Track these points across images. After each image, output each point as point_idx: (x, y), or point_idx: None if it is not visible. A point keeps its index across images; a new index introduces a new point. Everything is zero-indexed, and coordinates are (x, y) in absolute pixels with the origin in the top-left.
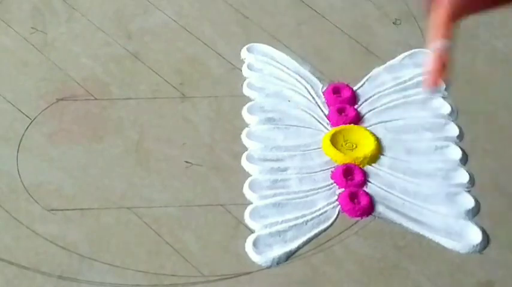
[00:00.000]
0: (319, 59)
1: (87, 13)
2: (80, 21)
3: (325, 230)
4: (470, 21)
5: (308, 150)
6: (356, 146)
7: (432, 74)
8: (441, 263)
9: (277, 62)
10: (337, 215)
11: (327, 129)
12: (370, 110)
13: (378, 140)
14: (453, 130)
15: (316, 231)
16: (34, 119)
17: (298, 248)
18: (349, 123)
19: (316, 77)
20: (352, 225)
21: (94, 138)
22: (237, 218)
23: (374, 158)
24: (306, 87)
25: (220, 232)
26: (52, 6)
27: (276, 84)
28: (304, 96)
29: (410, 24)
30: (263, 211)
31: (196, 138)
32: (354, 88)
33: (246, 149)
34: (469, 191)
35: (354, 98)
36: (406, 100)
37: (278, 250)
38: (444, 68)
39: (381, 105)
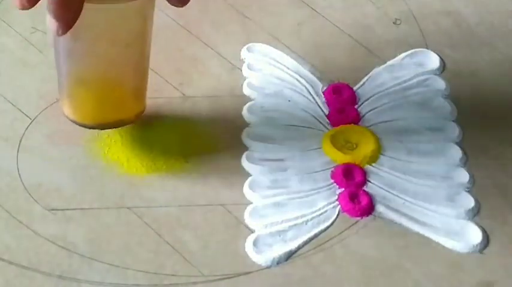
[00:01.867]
0: (319, 59)
1: None
2: None
3: (325, 229)
4: (470, 21)
5: (308, 150)
6: (356, 146)
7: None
8: (441, 263)
9: (277, 62)
10: (337, 214)
11: (327, 129)
12: (370, 110)
13: (378, 140)
14: (453, 130)
15: (316, 231)
16: (34, 119)
17: (298, 247)
18: (349, 123)
19: (316, 77)
20: (352, 225)
21: (94, 138)
22: (237, 218)
23: (374, 158)
24: (306, 87)
25: (220, 232)
26: None
27: (276, 84)
28: (304, 96)
29: (410, 24)
30: (263, 211)
31: (196, 138)
32: (354, 88)
33: (246, 149)
34: (469, 191)
35: (354, 98)
36: (407, 100)
37: (278, 250)
38: None
39: (381, 105)
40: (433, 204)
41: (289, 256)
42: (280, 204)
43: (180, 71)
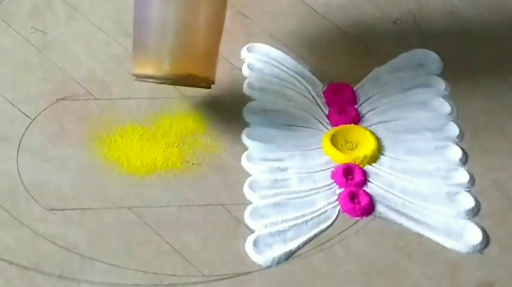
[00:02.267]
0: (319, 59)
1: (87, 13)
2: (80, 21)
3: (325, 230)
4: (471, 21)
5: (308, 150)
6: (356, 146)
7: None
8: (441, 263)
9: (277, 62)
10: (337, 214)
11: (327, 129)
12: (370, 110)
13: (378, 140)
14: (453, 130)
15: (316, 231)
16: (34, 119)
17: (298, 248)
18: (349, 123)
19: (316, 77)
20: (352, 225)
21: (94, 138)
22: (237, 218)
23: (374, 158)
24: (306, 87)
25: (220, 232)
26: (52, 6)
27: (276, 84)
28: (304, 96)
29: (410, 24)
30: (263, 211)
31: (196, 138)
32: (354, 88)
33: (246, 149)
34: (469, 191)
35: (354, 98)
36: (407, 100)
37: (278, 250)
38: None
39: (381, 105)
40: (433, 204)
41: (289, 256)
42: (280, 204)
43: None
